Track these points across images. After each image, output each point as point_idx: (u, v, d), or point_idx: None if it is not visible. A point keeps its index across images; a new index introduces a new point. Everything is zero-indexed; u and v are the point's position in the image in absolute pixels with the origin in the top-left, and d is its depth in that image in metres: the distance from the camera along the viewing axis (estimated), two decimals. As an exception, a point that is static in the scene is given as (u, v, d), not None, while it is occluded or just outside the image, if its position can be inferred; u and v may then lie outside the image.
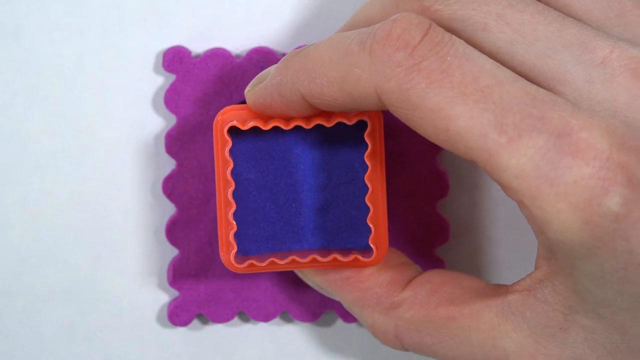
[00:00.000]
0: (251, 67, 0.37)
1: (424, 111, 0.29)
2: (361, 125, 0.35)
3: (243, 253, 0.37)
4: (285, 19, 0.38)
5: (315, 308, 0.39)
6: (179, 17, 0.38)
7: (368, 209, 0.35)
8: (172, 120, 0.38)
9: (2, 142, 0.38)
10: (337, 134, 0.36)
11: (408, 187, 0.38)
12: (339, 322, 0.41)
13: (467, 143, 0.29)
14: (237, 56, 0.38)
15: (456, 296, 0.33)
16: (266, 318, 0.39)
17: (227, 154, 0.34)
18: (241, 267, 0.35)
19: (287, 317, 0.40)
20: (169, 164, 0.39)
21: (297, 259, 0.35)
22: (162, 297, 0.40)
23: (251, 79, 0.36)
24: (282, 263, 0.35)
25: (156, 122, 0.39)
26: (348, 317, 0.39)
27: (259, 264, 0.35)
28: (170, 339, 0.40)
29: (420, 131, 0.30)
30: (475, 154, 0.29)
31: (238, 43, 0.38)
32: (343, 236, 0.37)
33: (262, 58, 0.37)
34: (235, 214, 0.35)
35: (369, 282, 0.35)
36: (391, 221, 0.38)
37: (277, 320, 0.40)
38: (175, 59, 0.37)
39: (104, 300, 0.40)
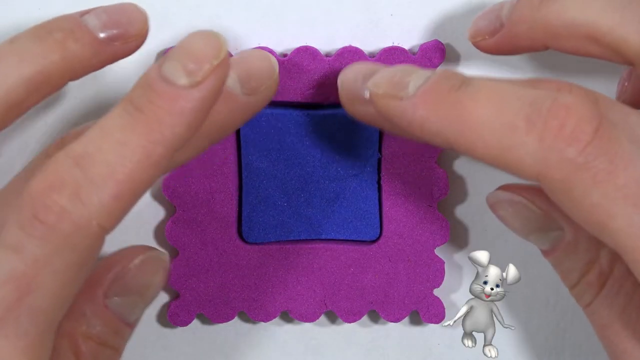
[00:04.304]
0: (252, 67, 0.38)
1: (584, 206, 0.29)
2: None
3: (252, 240, 0.38)
4: (286, 19, 0.38)
5: (316, 308, 0.39)
6: (179, 17, 0.38)
7: (375, 201, 0.38)
8: (173, 120, 0.38)
9: (2, 142, 0.38)
10: (346, 127, 0.37)
11: (408, 187, 0.38)
12: (339, 322, 0.41)
13: (620, 241, 0.29)
14: (238, 56, 0.38)
15: None
16: (266, 318, 0.39)
17: None
18: None
19: (287, 317, 0.40)
20: (169, 164, 0.39)
21: None
22: (162, 297, 0.40)
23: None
24: None
25: (156, 122, 0.39)
26: (348, 317, 0.39)
27: None
28: (170, 339, 0.40)
29: (573, 216, 0.30)
30: (625, 250, 0.29)
31: (239, 43, 0.38)
32: (351, 227, 0.38)
33: (263, 58, 0.38)
34: (245, 201, 0.36)
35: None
36: (391, 221, 0.39)
37: (277, 320, 0.40)
38: (175, 59, 0.37)
39: (104, 301, 0.39)
